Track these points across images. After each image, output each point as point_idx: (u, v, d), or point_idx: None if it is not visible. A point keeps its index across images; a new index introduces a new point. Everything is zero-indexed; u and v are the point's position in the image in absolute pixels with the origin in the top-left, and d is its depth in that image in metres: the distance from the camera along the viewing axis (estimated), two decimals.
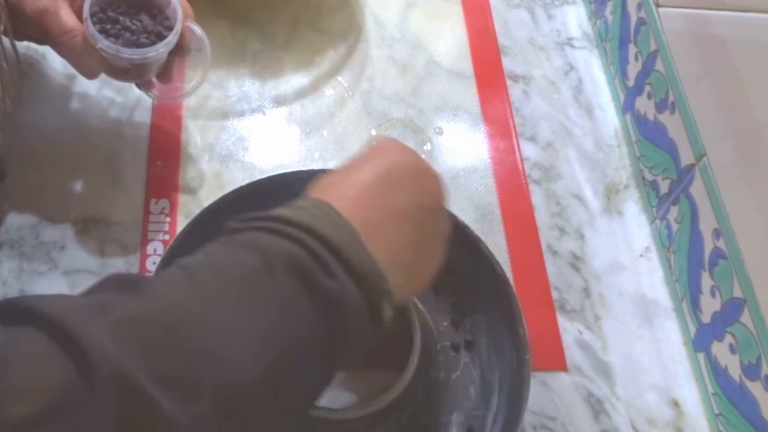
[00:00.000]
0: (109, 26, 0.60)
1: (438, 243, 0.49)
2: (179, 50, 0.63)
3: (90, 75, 0.61)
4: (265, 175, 0.64)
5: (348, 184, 0.46)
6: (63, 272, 0.64)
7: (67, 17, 0.58)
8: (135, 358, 0.34)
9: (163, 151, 0.72)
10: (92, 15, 0.59)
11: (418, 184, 0.48)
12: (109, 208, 0.68)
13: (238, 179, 0.71)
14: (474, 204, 0.72)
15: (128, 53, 0.59)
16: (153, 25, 0.61)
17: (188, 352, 0.36)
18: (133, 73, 0.63)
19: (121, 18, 0.60)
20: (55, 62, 0.74)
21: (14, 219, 0.66)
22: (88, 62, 0.59)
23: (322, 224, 0.42)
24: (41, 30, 0.58)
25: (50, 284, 0.63)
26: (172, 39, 0.60)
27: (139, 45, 0.60)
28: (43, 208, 0.67)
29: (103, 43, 0.58)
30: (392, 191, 0.46)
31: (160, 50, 0.60)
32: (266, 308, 0.39)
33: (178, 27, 0.60)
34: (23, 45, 0.66)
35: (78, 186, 0.69)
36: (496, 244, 0.70)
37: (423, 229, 0.47)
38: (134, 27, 0.60)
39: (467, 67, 0.82)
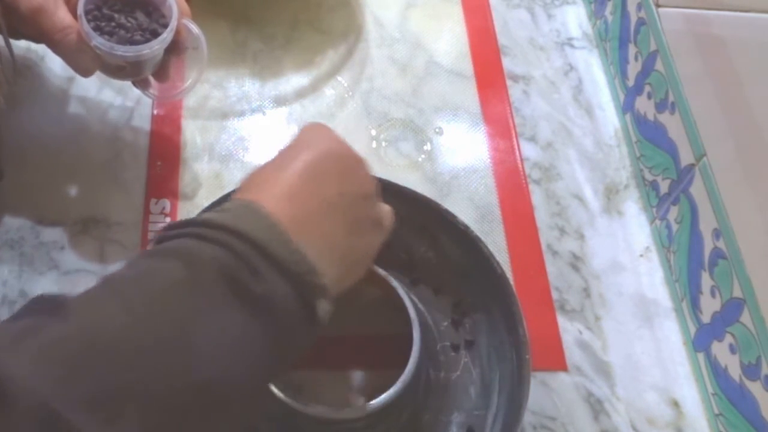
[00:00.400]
0: (103, 24, 0.60)
1: (370, 229, 0.49)
2: (175, 48, 0.62)
3: (85, 73, 0.61)
4: None
5: (273, 181, 0.46)
6: (63, 272, 0.64)
7: (62, 15, 0.58)
8: (57, 385, 0.33)
9: (163, 152, 0.72)
10: (87, 12, 0.58)
11: (343, 172, 0.48)
12: (109, 209, 0.68)
13: (238, 179, 0.71)
14: (474, 204, 0.72)
15: (122, 50, 0.59)
16: (148, 23, 0.61)
17: (113, 372, 0.35)
18: (129, 71, 0.62)
19: (116, 15, 0.60)
20: (55, 63, 0.74)
21: (14, 219, 0.66)
22: (82, 60, 0.59)
23: (249, 225, 0.41)
24: (36, 28, 0.58)
25: (50, 284, 0.63)
26: (166, 36, 0.60)
27: (133, 42, 0.60)
28: (43, 208, 0.67)
29: (97, 41, 0.58)
30: (317, 183, 0.46)
31: (154, 47, 0.59)
32: (194, 318, 0.38)
33: (173, 24, 0.60)
34: (23, 48, 0.66)
35: (78, 186, 0.69)
36: (496, 244, 0.70)
37: (352, 216, 0.47)
38: (129, 24, 0.60)
39: (467, 67, 0.82)
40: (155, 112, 0.74)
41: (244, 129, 0.75)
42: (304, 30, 0.82)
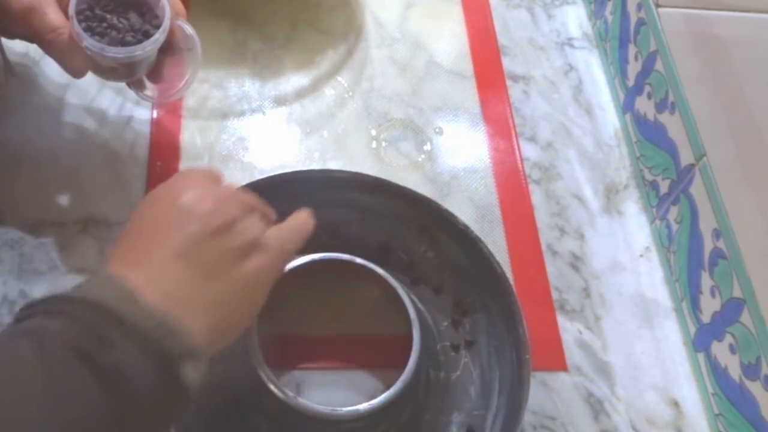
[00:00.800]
0: (95, 24, 0.59)
1: (237, 262, 0.46)
2: (169, 49, 0.62)
3: (76, 74, 0.60)
4: (265, 175, 0.64)
5: (125, 246, 0.46)
6: (63, 272, 0.64)
7: (54, 15, 0.57)
8: None
9: (164, 152, 0.72)
10: (79, 13, 0.58)
11: (186, 216, 0.46)
12: (109, 208, 0.68)
13: (238, 179, 0.70)
14: (474, 204, 0.72)
15: (113, 52, 0.58)
16: (141, 24, 0.60)
17: None
18: (121, 72, 0.62)
19: (108, 16, 0.60)
20: (54, 63, 0.74)
21: (14, 219, 0.66)
22: (73, 61, 0.58)
23: (99, 293, 0.41)
24: (27, 28, 0.57)
25: (50, 284, 0.63)
26: (158, 38, 0.59)
27: (124, 43, 0.59)
28: (43, 208, 0.67)
29: (88, 42, 0.57)
30: (160, 237, 0.45)
31: (146, 48, 0.59)
32: (40, 393, 0.37)
33: (165, 25, 0.59)
34: (20, 52, 0.66)
35: (78, 186, 0.69)
36: (496, 244, 0.70)
37: (206, 259, 0.45)
38: (120, 25, 0.59)
39: (467, 67, 0.82)
40: (155, 112, 0.74)
41: (244, 129, 0.75)
42: (304, 30, 0.82)
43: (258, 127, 0.75)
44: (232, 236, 0.46)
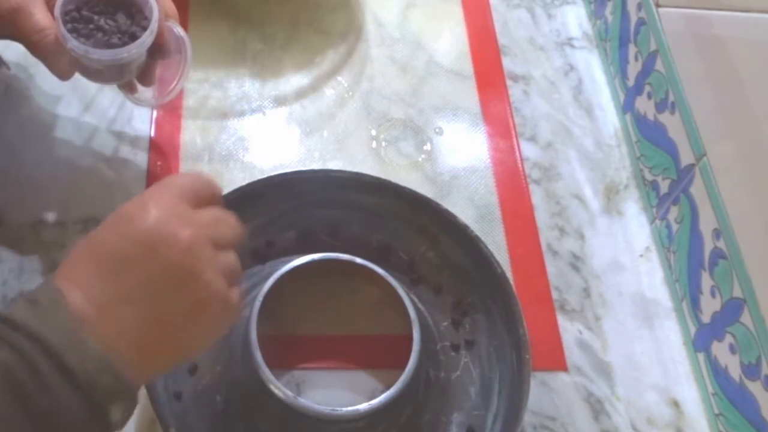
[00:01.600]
0: (81, 26, 0.58)
1: (187, 316, 0.43)
2: (159, 52, 0.61)
3: (62, 75, 0.59)
4: (265, 175, 0.64)
5: (82, 261, 0.43)
6: None
7: (41, 15, 0.56)
8: None
9: (164, 151, 0.72)
10: (66, 14, 0.57)
11: (149, 256, 0.42)
12: (109, 208, 0.67)
13: (238, 179, 0.71)
14: (474, 204, 0.72)
15: (98, 54, 0.57)
16: (128, 26, 0.59)
17: None
18: (108, 75, 0.61)
19: (95, 17, 0.58)
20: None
21: (14, 219, 0.66)
22: (59, 62, 0.58)
23: (49, 327, 0.39)
24: (14, 29, 0.56)
25: None
26: (144, 40, 0.58)
27: (110, 46, 0.58)
28: (43, 207, 0.67)
29: (72, 44, 0.56)
30: (116, 273, 0.42)
31: (131, 52, 0.57)
32: None
33: (152, 28, 0.58)
34: (21, 51, 0.66)
35: (78, 186, 0.69)
36: (496, 244, 0.70)
37: (159, 308, 0.42)
38: (107, 27, 0.58)
39: (467, 67, 0.82)
40: (155, 112, 0.74)
41: (244, 129, 0.75)
42: (304, 30, 0.82)
43: (258, 127, 0.75)
44: (193, 289, 0.43)
